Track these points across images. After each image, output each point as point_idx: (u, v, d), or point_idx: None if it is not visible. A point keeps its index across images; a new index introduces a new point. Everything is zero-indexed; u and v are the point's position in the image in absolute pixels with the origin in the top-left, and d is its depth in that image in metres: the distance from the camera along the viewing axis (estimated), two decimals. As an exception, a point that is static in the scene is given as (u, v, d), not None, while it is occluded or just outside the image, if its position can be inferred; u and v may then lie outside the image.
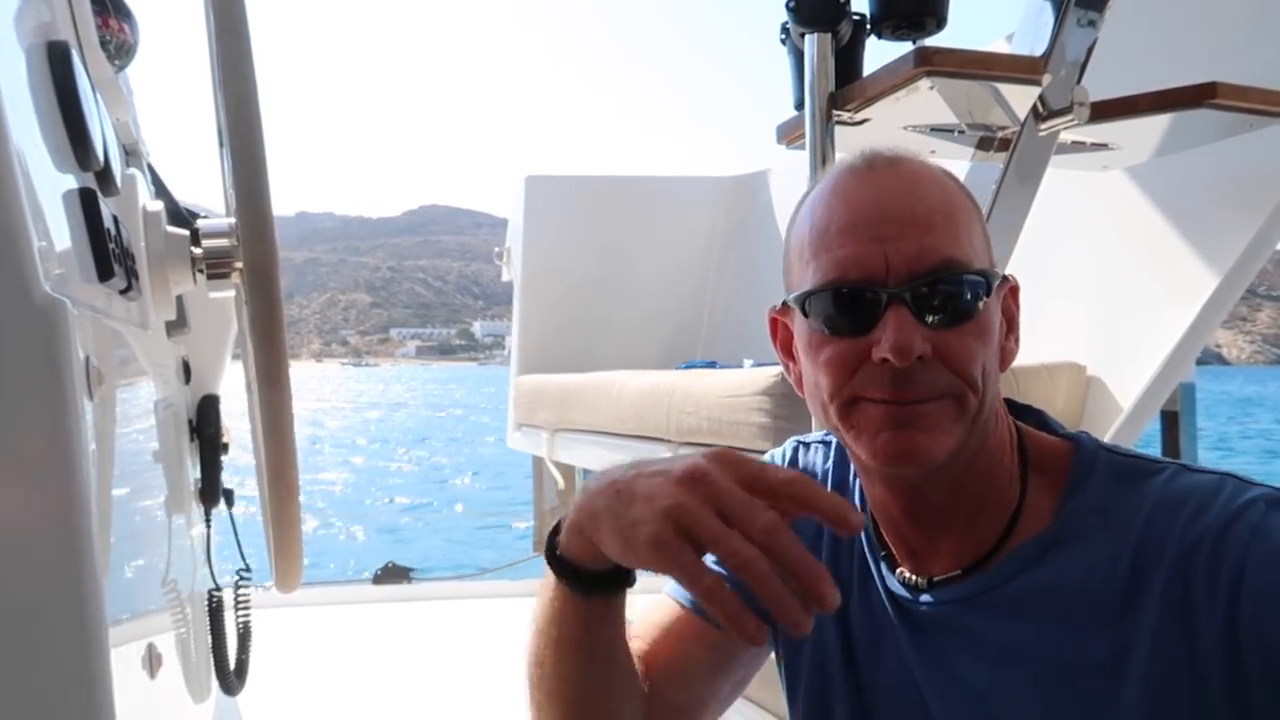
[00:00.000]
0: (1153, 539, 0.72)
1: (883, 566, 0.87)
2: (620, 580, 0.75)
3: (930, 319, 0.74)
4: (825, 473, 0.96)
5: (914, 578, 0.84)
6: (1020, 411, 0.87)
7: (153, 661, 0.94)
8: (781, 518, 0.61)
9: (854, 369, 0.76)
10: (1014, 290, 0.83)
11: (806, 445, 1.01)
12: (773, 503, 0.62)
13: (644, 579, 0.77)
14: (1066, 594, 0.75)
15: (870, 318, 0.74)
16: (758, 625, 0.60)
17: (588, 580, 0.74)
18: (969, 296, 0.74)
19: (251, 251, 0.88)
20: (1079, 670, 0.73)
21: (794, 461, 1.00)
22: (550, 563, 0.76)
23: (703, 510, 0.62)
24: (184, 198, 1.54)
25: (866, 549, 0.89)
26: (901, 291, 0.73)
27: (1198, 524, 0.70)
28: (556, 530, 0.76)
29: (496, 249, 3.47)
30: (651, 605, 0.98)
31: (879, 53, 1.48)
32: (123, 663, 0.66)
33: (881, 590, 0.87)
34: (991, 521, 0.80)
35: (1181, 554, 0.70)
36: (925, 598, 0.82)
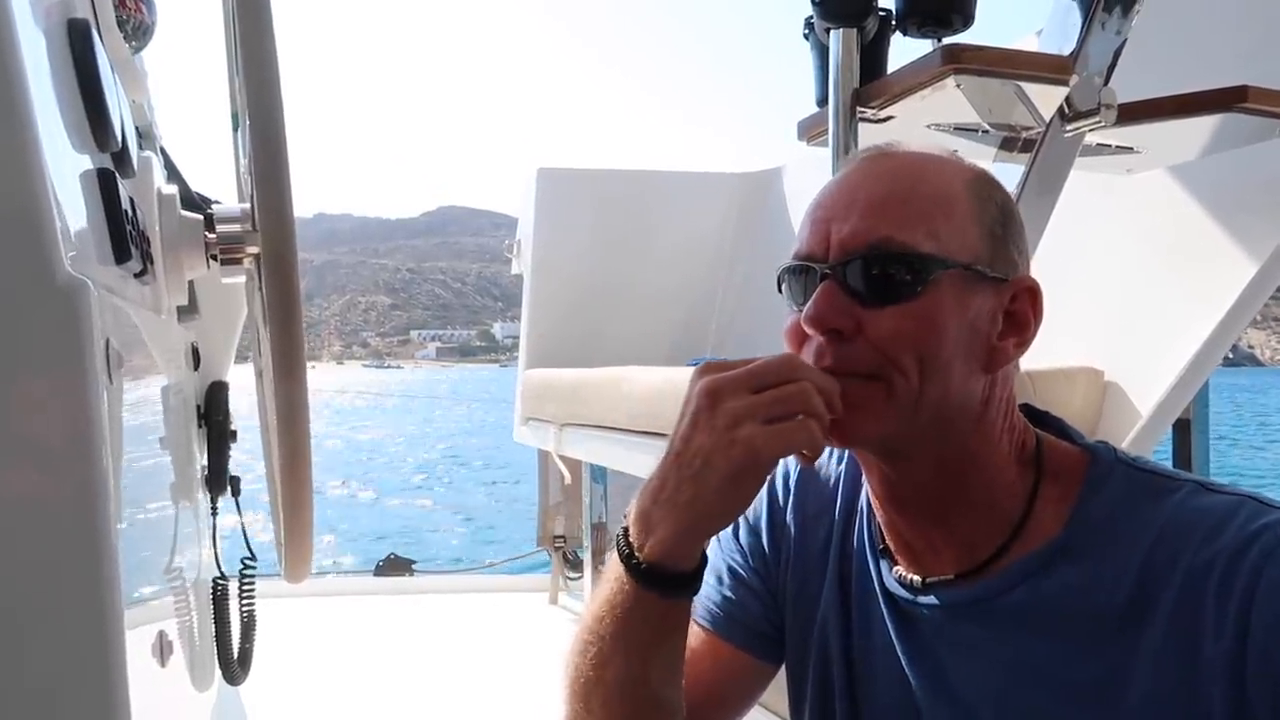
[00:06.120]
0: (1162, 559, 0.70)
1: (882, 564, 0.86)
2: (698, 578, 0.78)
3: (861, 297, 0.75)
4: (839, 475, 0.95)
5: (911, 577, 0.83)
6: (1040, 419, 0.85)
7: (163, 649, 0.93)
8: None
9: (801, 342, 0.79)
10: (1030, 292, 0.79)
11: None
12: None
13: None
14: (1067, 609, 0.73)
15: (810, 292, 0.77)
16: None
17: (672, 582, 0.76)
18: (904, 278, 0.74)
19: (269, 236, 0.87)
20: (1073, 688, 0.72)
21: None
22: (636, 576, 0.77)
23: (745, 402, 0.72)
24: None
25: (868, 545, 0.89)
26: (833, 267, 0.76)
27: (1210, 547, 0.68)
28: (629, 552, 0.77)
29: (507, 241, 3.46)
30: None
31: (901, 50, 1.46)
32: (135, 650, 0.65)
33: (879, 589, 0.86)
34: (992, 527, 0.78)
35: (1191, 577, 0.68)
36: (922, 599, 0.81)
